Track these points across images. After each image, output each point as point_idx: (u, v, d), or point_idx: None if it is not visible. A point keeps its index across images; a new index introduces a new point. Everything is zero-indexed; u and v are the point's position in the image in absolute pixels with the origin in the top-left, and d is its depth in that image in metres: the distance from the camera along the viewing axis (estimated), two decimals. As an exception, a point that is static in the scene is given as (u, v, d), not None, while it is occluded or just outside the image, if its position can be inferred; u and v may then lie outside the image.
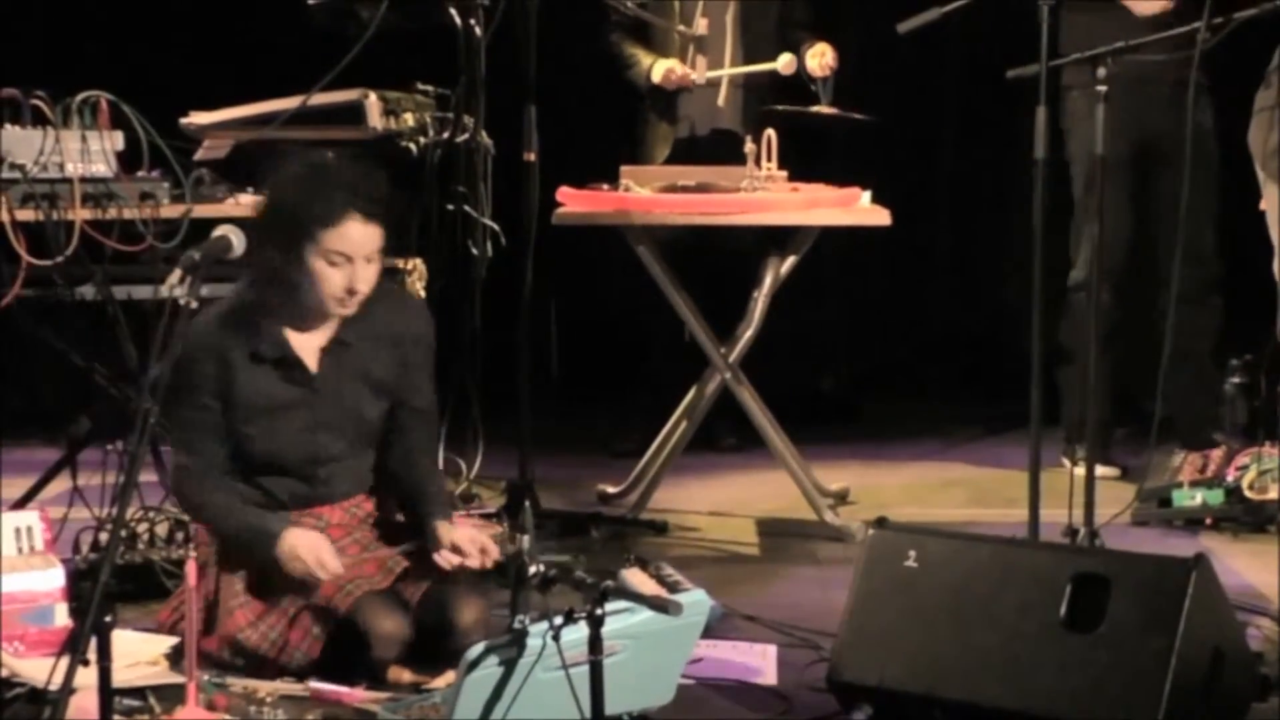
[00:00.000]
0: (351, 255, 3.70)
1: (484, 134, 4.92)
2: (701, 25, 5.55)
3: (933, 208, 6.97)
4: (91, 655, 3.06)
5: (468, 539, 3.77)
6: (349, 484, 3.92)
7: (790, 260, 5.05)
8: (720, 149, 5.60)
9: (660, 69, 5.66)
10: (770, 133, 5.08)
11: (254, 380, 3.79)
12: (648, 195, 5.00)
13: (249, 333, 3.79)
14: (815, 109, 5.40)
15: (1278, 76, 4.18)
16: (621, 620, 3.18)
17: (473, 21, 4.84)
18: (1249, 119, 4.65)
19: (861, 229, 5.14)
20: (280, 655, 3.71)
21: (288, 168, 3.82)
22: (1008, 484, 5.43)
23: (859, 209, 5.05)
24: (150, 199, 4.29)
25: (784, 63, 5.51)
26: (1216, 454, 5.16)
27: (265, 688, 3.60)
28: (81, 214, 4.22)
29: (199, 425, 3.78)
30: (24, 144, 4.21)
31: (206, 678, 3.55)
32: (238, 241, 3.56)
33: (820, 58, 5.49)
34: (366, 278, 3.73)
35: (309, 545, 3.68)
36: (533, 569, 3.18)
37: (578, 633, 3.05)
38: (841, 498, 5.35)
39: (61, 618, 3.78)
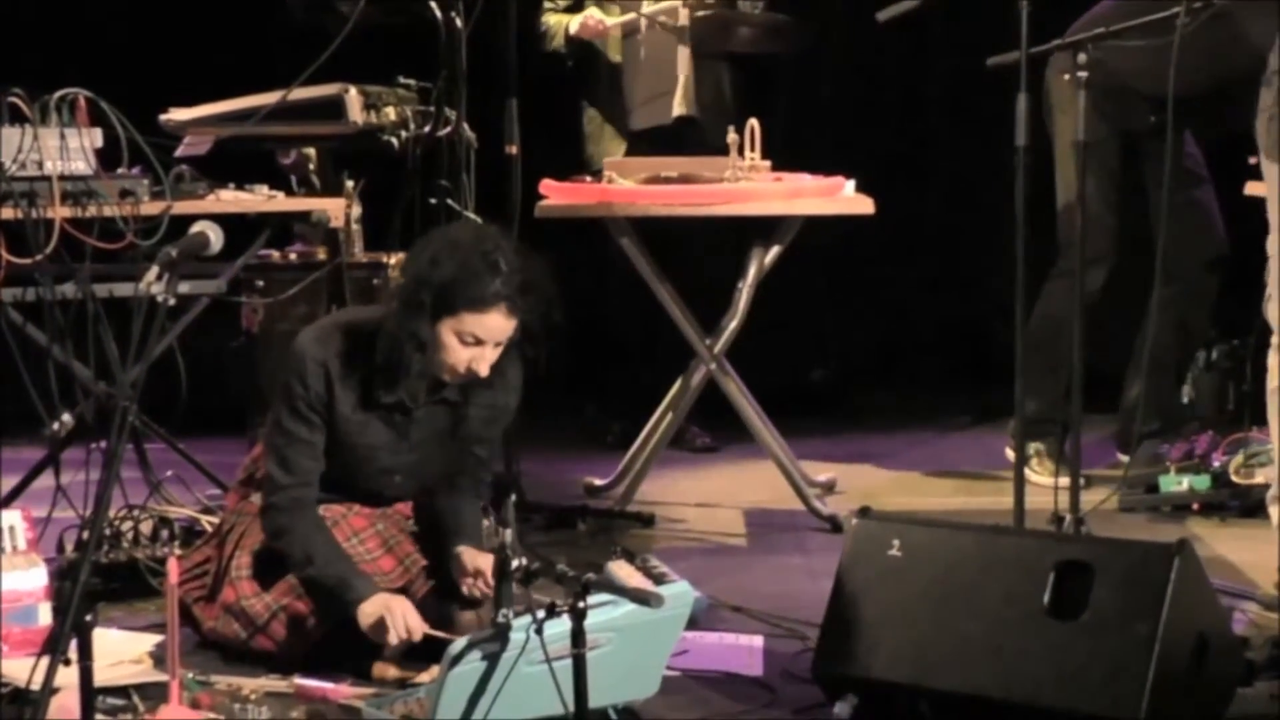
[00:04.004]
0: (484, 340, 3.68)
1: (466, 127, 4.90)
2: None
3: (919, 196, 6.97)
4: (73, 654, 3.05)
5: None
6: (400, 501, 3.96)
7: (774, 250, 5.04)
8: (682, 137, 5.58)
9: (577, 21, 5.57)
10: (753, 123, 5.07)
11: (354, 416, 3.77)
12: (631, 187, 4.98)
13: (366, 372, 3.75)
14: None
15: (1278, 78, 4.15)
16: (605, 613, 3.18)
17: (453, 14, 4.83)
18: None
19: (848, 218, 5.13)
20: (274, 622, 3.72)
21: (453, 235, 3.76)
22: (996, 473, 5.43)
23: (842, 198, 5.04)
24: (130, 196, 4.29)
25: None
26: (1203, 439, 5.16)
27: (250, 685, 3.59)
28: (61, 212, 4.21)
29: (300, 440, 3.74)
30: (3, 142, 4.20)
31: (190, 675, 3.54)
32: (215, 238, 3.54)
33: None
34: (489, 359, 3.70)
35: (398, 609, 3.62)
36: (515, 563, 3.18)
37: (561, 626, 3.05)
38: (829, 488, 5.35)
39: (45, 617, 3.77)
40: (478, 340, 3.66)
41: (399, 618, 3.60)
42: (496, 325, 3.66)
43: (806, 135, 6.68)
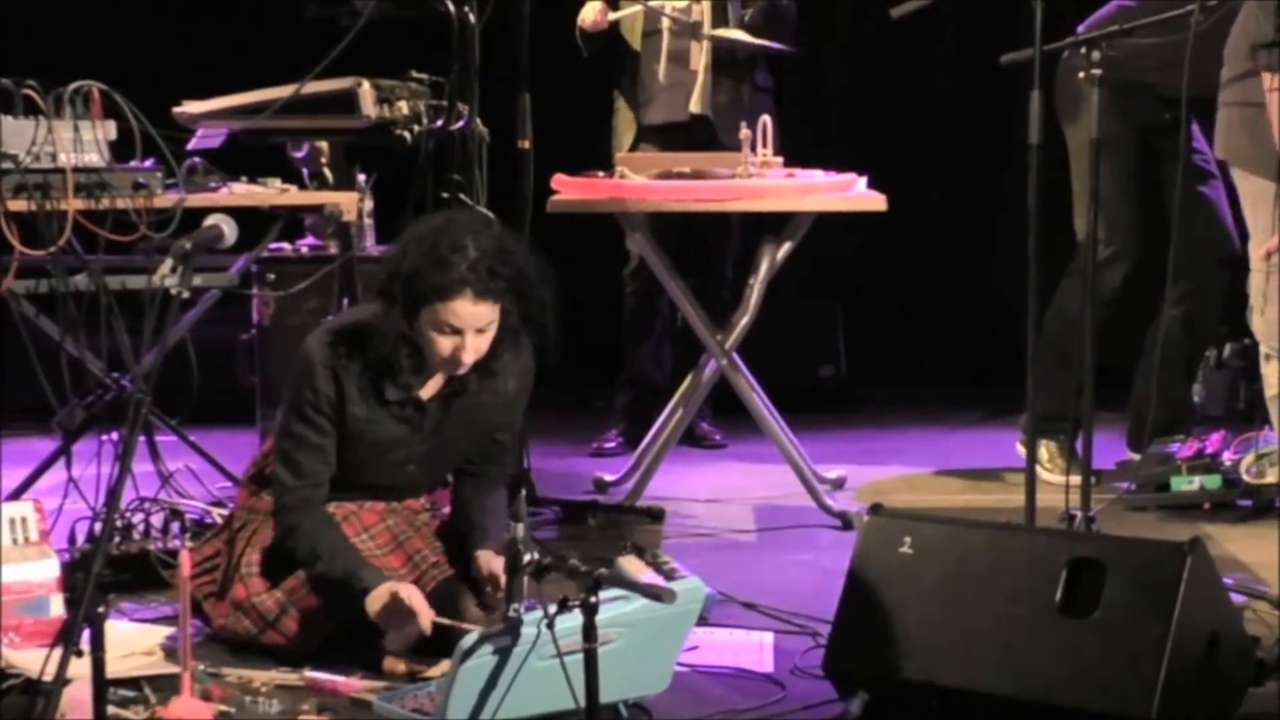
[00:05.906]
0: (461, 328, 3.67)
1: (478, 122, 4.90)
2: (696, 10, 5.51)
3: (930, 193, 6.97)
4: (85, 646, 3.06)
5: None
6: (414, 496, 3.96)
7: (786, 246, 5.04)
8: (694, 135, 5.58)
9: (583, 12, 5.58)
10: (765, 119, 5.06)
11: (365, 415, 3.77)
12: (643, 182, 4.98)
13: (373, 370, 3.75)
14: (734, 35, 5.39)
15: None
16: (616, 608, 3.18)
17: (466, 8, 4.83)
18: None
19: (859, 215, 5.13)
20: (285, 618, 3.73)
21: (425, 226, 3.76)
22: (1005, 471, 5.43)
23: (855, 195, 5.04)
24: (143, 189, 4.29)
25: None
26: (1215, 438, 5.15)
27: (260, 677, 3.60)
28: (74, 204, 4.21)
29: (310, 445, 3.75)
30: (16, 134, 4.20)
31: (201, 668, 3.54)
32: (229, 231, 3.54)
33: None
34: (477, 347, 3.69)
35: (405, 595, 3.62)
36: (527, 557, 3.18)
37: (572, 621, 3.05)
38: (838, 485, 5.35)
39: (57, 608, 3.78)
40: (454, 328, 3.66)
41: (405, 603, 3.60)
42: (467, 311, 3.64)
43: (814, 131, 6.68)
